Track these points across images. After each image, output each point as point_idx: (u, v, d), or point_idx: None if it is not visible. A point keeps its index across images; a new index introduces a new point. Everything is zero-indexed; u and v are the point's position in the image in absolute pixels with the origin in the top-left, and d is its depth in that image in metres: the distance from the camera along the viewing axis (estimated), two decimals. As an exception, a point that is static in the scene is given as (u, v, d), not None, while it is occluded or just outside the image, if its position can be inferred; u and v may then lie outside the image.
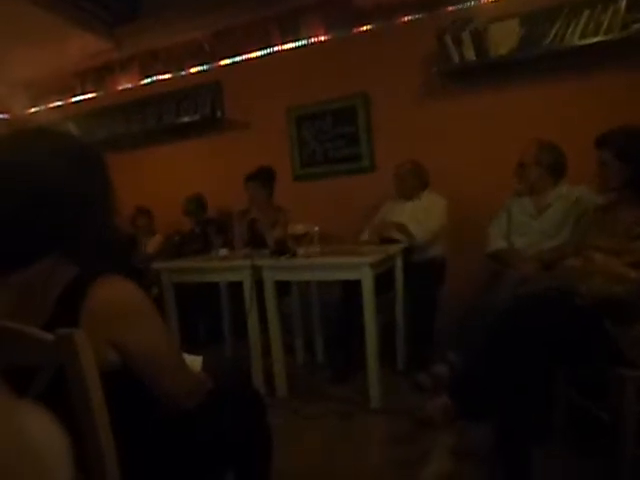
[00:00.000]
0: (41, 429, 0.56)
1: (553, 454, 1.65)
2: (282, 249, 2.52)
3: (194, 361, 1.22)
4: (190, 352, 1.24)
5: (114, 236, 0.99)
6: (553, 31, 2.78)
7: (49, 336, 0.80)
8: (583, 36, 2.71)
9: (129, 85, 4.25)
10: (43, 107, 4.63)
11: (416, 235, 2.80)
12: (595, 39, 2.67)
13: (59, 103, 4.58)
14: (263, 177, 3.25)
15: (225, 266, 2.67)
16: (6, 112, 4.59)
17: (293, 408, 2.39)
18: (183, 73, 4.03)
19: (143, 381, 0.95)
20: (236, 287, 2.70)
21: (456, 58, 3.03)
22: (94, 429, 0.82)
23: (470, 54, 2.98)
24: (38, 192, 0.85)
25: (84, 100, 4.46)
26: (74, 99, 4.51)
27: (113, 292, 0.90)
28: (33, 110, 4.66)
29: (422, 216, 2.90)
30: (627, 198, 1.77)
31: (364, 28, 3.41)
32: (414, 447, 1.91)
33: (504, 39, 2.89)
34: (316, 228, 2.55)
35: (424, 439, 1.95)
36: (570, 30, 2.74)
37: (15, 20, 3.21)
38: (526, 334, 1.53)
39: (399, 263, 2.72)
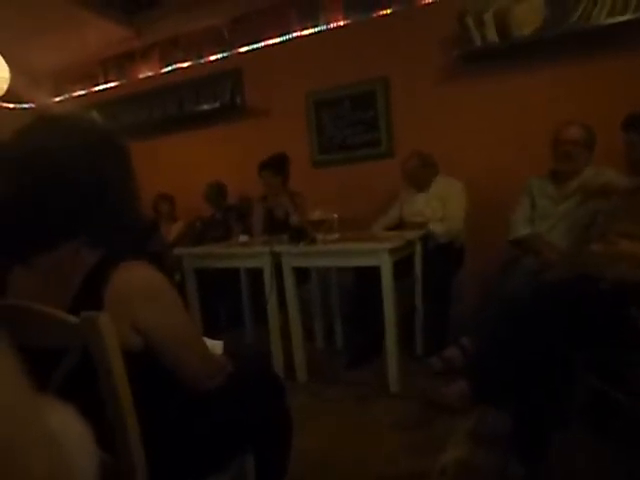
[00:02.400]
0: (63, 422, 0.57)
1: (571, 439, 1.64)
2: (301, 235, 2.53)
3: (215, 345, 1.25)
4: (211, 337, 1.26)
5: (136, 221, 1.01)
6: (579, 10, 2.69)
7: (74, 319, 0.82)
8: (611, 14, 2.62)
9: (150, 73, 4.29)
10: (67, 96, 4.71)
11: (437, 234, 2.77)
12: (623, 18, 2.58)
13: (82, 92, 4.65)
14: (276, 164, 3.25)
15: (245, 252, 2.69)
16: (31, 101, 4.67)
17: (312, 392, 2.42)
18: (203, 60, 4.04)
19: (165, 363, 0.97)
20: (256, 273, 2.73)
21: (478, 40, 2.96)
22: (118, 410, 0.84)
23: (492, 36, 2.91)
24: (58, 177, 0.86)
25: (107, 89, 4.52)
26: (97, 88, 4.57)
27: (136, 276, 0.92)
28: (57, 99, 4.74)
29: (437, 204, 2.87)
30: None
31: (383, 12, 3.36)
32: (432, 432, 1.92)
33: (528, 19, 2.81)
34: (335, 215, 2.55)
35: (442, 424, 1.95)
36: (597, 8, 2.65)
37: (36, 10, 3.25)
38: (547, 320, 1.51)
39: (418, 249, 2.71)
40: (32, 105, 4.69)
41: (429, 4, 3.21)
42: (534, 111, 2.99)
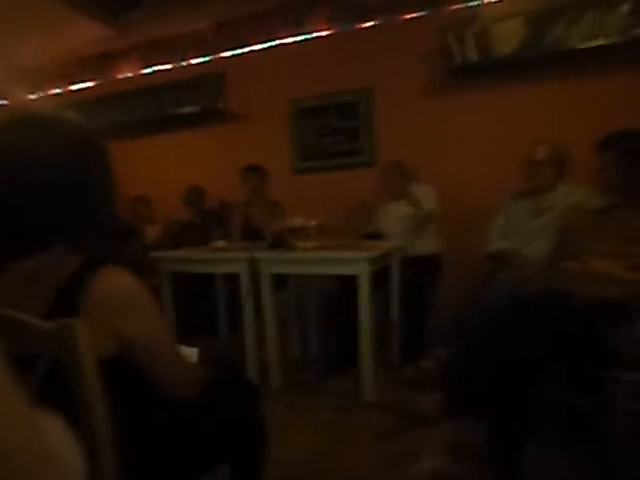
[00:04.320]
0: (56, 435, 0.56)
1: (543, 452, 1.67)
2: (280, 242, 2.53)
3: (190, 353, 1.23)
4: (186, 343, 1.24)
5: (115, 224, 0.99)
6: (555, 33, 2.78)
7: (48, 325, 0.80)
8: (585, 39, 2.72)
9: (130, 74, 4.23)
10: (43, 94, 4.61)
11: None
12: (596, 42, 2.68)
13: (59, 90, 4.55)
14: (261, 169, 3.27)
15: (223, 257, 2.67)
16: (5, 98, 4.56)
17: (287, 401, 2.41)
18: (185, 63, 4.01)
19: (140, 371, 0.95)
20: (233, 279, 2.71)
21: (459, 57, 3.03)
22: (92, 418, 0.82)
23: (472, 54, 2.98)
24: (36, 180, 0.84)
25: (85, 88, 4.44)
26: (74, 87, 4.49)
27: (113, 284, 0.90)
28: (33, 97, 4.63)
29: (410, 209, 2.92)
30: (628, 201, 1.78)
31: (368, 24, 3.40)
32: (407, 442, 1.93)
33: (507, 39, 2.89)
34: (314, 222, 2.55)
35: (417, 435, 1.96)
36: (572, 32, 2.74)
37: (16, 6, 3.18)
38: (521, 334, 1.54)
39: (396, 259, 2.73)
40: (6, 102, 4.58)
41: (413, 19, 3.26)
42: (513, 127, 3.06)
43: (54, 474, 0.34)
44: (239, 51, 3.81)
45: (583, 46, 2.72)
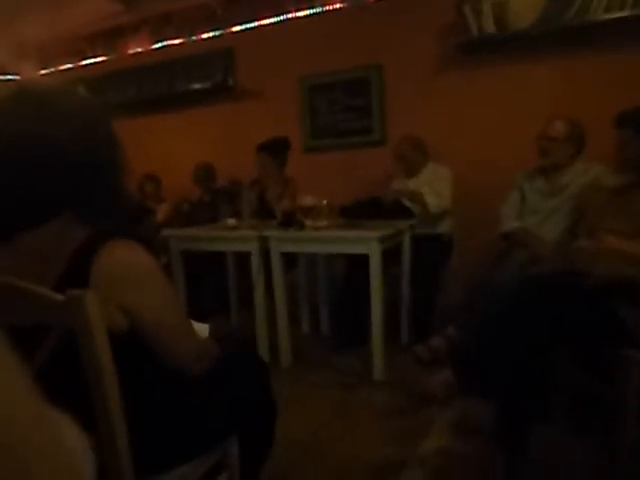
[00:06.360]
0: (68, 435, 0.55)
1: (552, 433, 1.67)
2: (290, 221, 2.52)
3: (201, 328, 1.23)
4: (196, 320, 1.25)
5: (125, 199, 0.99)
6: (577, 4, 2.68)
7: (59, 296, 0.80)
8: (608, 10, 2.61)
9: (140, 49, 4.19)
10: (53, 69, 4.59)
11: (430, 204, 2.77)
12: (621, 13, 2.58)
13: (69, 66, 4.53)
14: (273, 148, 3.21)
15: (233, 236, 2.67)
16: (15, 73, 4.54)
17: (297, 377, 2.43)
18: (195, 38, 3.96)
19: (151, 346, 0.96)
20: (244, 257, 2.71)
21: (475, 30, 2.94)
22: (102, 391, 0.82)
23: (490, 26, 2.89)
24: (43, 153, 0.84)
25: (94, 63, 4.41)
26: (84, 62, 4.46)
27: (124, 256, 0.90)
28: (43, 72, 4.61)
29: (427, 190, 2.87)
30: (644, 180, 1.73)
31: (381, -4, 3.31)
32: (414, 420, 1.94)
33: (526, 11, 2.79)
34: (325, 201, 2.53)
35: (425, 413, 1.97)
36: (594, 3, 2.64)
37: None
38: (533, 313, 1.53)
39: (407, 238, 2.71)
40: (17, 77, 4.56)
41: (427, -9, 3.17)
42: (529, 104, 2.98)
43: (61, 465, 0.32)
44: (249, 26, 3.74)
45: (606, 17, 2.61)
